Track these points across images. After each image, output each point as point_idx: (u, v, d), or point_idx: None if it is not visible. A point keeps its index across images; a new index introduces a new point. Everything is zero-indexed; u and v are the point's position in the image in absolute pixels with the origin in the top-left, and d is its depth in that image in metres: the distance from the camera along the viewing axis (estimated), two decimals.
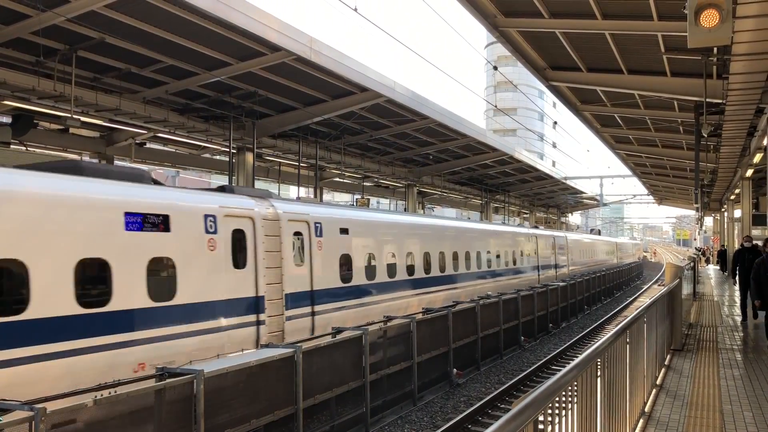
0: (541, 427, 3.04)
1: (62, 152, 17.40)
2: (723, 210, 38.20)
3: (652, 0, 10.45)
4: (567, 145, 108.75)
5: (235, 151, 19.52)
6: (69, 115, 13.69)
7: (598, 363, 4.46)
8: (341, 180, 29.62)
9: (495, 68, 22.43)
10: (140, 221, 9.36)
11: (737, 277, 14.95)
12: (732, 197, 30.28)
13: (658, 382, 8.09)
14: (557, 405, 3.43)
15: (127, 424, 6.58)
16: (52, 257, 8.08)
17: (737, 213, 29.20)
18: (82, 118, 14.69)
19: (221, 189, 12.25)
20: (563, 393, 3.48)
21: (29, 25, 11.55)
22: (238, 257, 11.02)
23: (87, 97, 14.56)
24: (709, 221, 53.66)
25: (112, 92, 15.35)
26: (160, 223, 9.65)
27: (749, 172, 20.98)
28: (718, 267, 36.77)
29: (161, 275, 9.63)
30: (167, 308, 9.53)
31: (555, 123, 62.38)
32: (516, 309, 18.36)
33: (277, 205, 12.38)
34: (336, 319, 13.34)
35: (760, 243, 16.24)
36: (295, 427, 9.00)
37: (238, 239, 11.08)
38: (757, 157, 17.02)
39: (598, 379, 4.43)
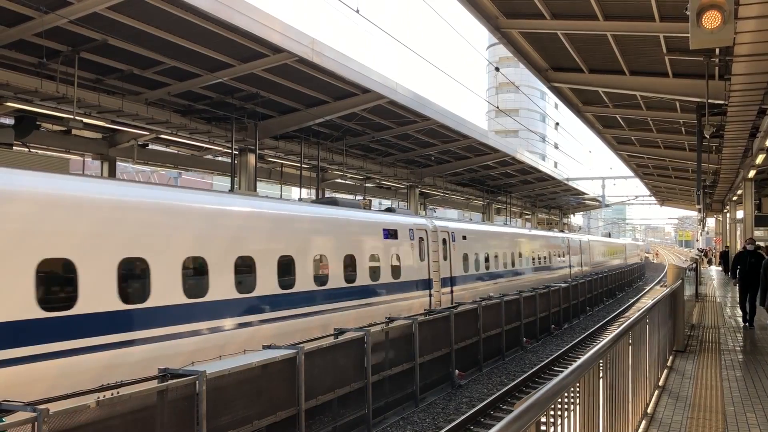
0: (543, 428, 3.04)
1: (65, 154, 17.43)
2: (725, 211, 38.14)
3: (653, 1, 10.44)
4: (569, 147, 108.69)
5: (237, 153, 19.53)
6: (71, 117, 13.71)
7: (601, 364, 4.46)
8: (343, 181, 29.65)
9: (497, 69, 22.37)
10: (387, 233, 16.27)
11: (737, 278, 14.37)
12: (734, 198, 30.23)
13: (661, 383, 8.08)
14: (560, 406, 3.43)
15: (129, 424, 6.59)
16: (366, 256, 15.14)
17: (740, 214, 29.19)
18: (85, 120, 14.72)
19: (388, 210, 19.37)
20: (566, 394, 3.48)
21: (32, 26, 11.58)
22: (421, 254, 17.83)
23: (89, 98, 14.58)
24: (711, 222, 53.60)
25: (114, 94, 15.37)
26: (393, 234, 16.52)
27: (752, 173, 20.95)
28: (720, 268, 36.71)
29: (395, 265, 16.41)
30: (398, 284, 16.44)
31: (557, 124, 62.27)
32: (518, 310, 18.35)
33: (435, 222, 19.54)
34: (460, 296, 19.81)
35: (763, 245, 16.16)
36: (297, 428, 9.00)
37: (420, 243, 17.89)
38: (760, 158, 16.99)
39: (601, 381, 4.43)
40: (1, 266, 7.56)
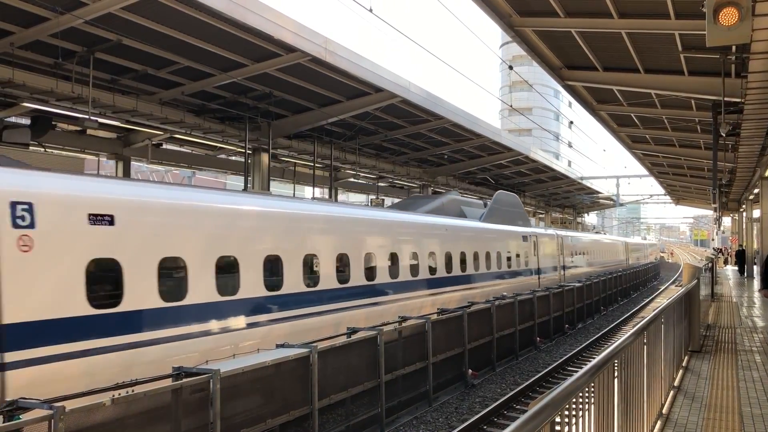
0: (558, 428, 3.02)
1: (80, 153, 17.58)
2: (741, 210, 37.80)
3: None
4: (583, 145, 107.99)
5: (250, 152, 19.60)
6: (87, 117, 13.82)
7: (615, 364, 4.42)
8: (356, 180, 29.67)
9: (510, 68, 22.33)
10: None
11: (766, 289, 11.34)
12: (751, 197, 29.95)
13: (676, 383, 8.01)
14: (574, 406, 3.41)
15: (144, 423, 6.63)
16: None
17: (756, 213, 28.90)
18: (100, 120, 14.83)
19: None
20: (580, 394, 3.45)
21: (48, 27, 11.69)
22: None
23: (104, 98, 14.70)
24: (727, 221, 53.11)
25: (129, 94, 15.48)
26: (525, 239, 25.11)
27: None
28: (736, 268, 36.36)
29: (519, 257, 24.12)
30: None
31: (571, 122, 61.95)
32: (531, 310, 18.28)
33: (534, 230, 27.09)
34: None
35: None
36: (310, 427, 9.02)
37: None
38: None
39: (615, 381, 4.39)
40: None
